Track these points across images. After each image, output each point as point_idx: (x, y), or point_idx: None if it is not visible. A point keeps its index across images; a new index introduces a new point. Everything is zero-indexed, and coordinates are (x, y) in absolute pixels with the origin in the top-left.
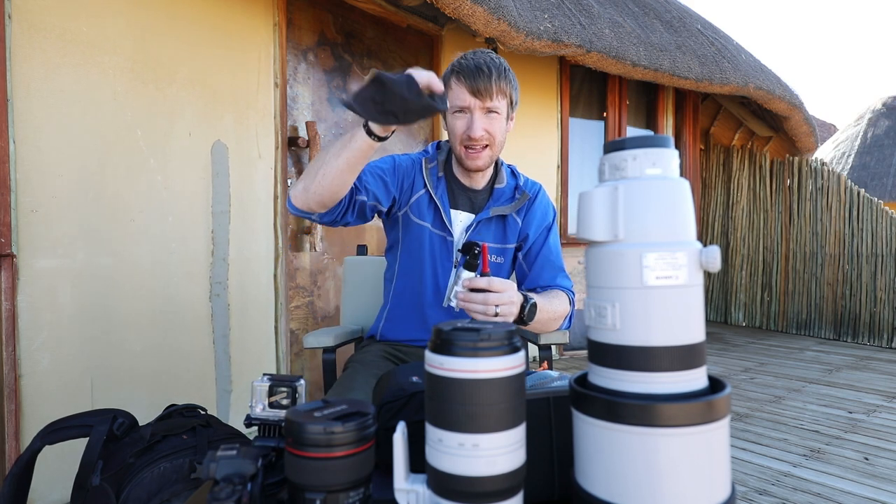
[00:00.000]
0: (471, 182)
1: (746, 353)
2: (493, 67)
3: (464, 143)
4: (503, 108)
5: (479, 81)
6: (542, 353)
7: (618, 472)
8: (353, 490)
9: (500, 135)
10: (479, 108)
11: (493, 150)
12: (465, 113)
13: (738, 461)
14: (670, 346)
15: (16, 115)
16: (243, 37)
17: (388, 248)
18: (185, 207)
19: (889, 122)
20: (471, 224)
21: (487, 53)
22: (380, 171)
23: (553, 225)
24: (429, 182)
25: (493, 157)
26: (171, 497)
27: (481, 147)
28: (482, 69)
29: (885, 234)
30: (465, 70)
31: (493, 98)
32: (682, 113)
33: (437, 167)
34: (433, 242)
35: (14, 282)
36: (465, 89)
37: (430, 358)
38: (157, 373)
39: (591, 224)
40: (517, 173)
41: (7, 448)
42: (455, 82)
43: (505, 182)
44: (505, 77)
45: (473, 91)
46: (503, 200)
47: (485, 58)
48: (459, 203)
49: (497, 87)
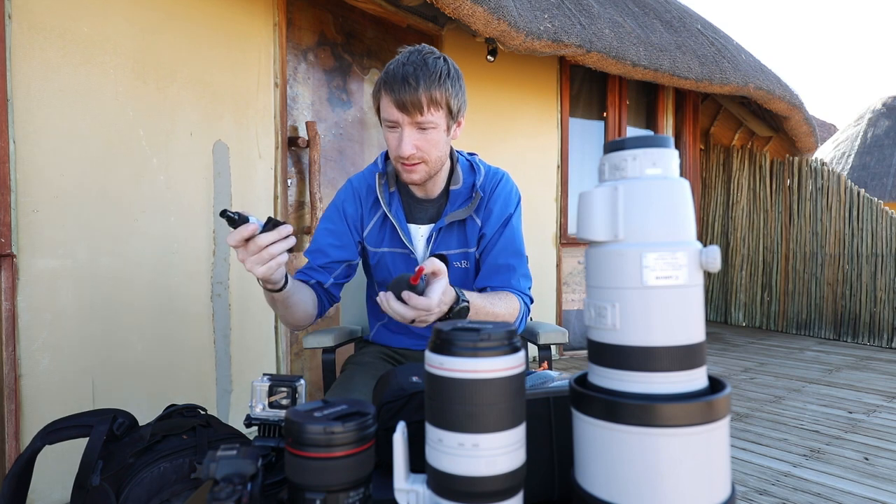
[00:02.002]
0: (424, 192)
1: (746, 353)
2: (423, 76)
3: (397, 159)
4: (438, 121)
5: (405, 94)
6: (542, 353)
7: (618, 472)
8: (353, 490)
9: (435, 150)
10: (408, 123)
11: (429, 166)
12: (396, 128)
13: (738, 461)
14: (670, 347)
15: (16, 115)
16: (243, 37)
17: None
18: (187, 207)
19: (889, 122)
20: (430, 235)
21: (423, 55)
22: (332, 237)
23: (513, 215)
24: (382, 200)
25: (430, 171)
26: (171, 497)
27: (414, 163)
28: (409, 80)
29: (885, 234)
30: (391, 80)
31: (424, 112)
32: (682, 113)
33: (386, 183)
34: (396, 263)
35: (14, 282)
36: (392, 103)
37: (429, 358)
38: (157, 373)
39: (591, 224)
40: (477, 166)
41: (7, 448)
42: (384, 93)
43: (461, 182)
44: (440, 85)
45: (400, 105)
46: (459, 203)
47: (416, 63)
48: (416, 216)
49: (428, 99)
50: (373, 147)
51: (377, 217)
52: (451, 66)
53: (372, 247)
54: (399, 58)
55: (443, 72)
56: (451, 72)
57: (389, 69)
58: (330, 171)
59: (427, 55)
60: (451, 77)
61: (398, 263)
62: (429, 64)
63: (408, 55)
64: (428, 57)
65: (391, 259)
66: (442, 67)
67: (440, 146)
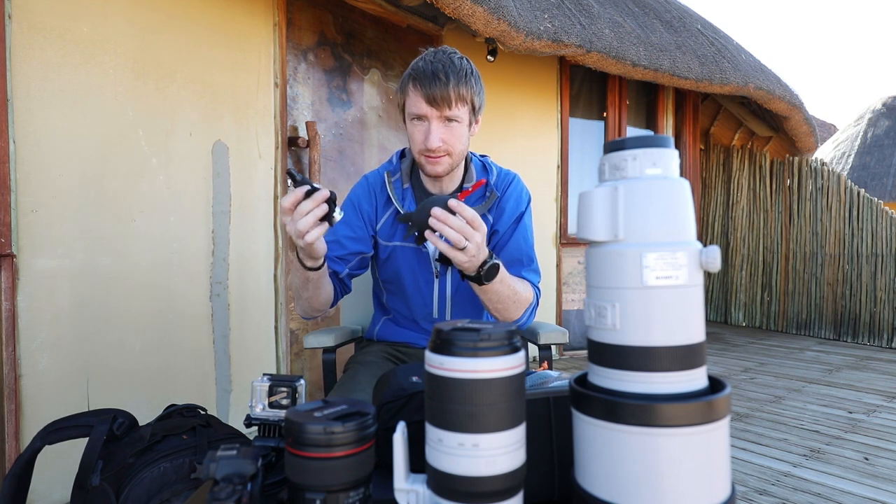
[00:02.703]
0: (439, 187)
1: (746, 353)
2: (452, 73)
3: (422, 152)
4: (463, 116)
5: (435, 89)
6: (542, 353)
7: (618, 472)
8: (353, 490)
9: (459, 143)
10: (436, 117)
11: (452, 159)
12: (423, 121)
13: (738, 461)
14: (670, 346)
15: (16, 115)
16: (243, 37)
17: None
18: (186, 207)
19: (889, 122)
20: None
21: (448, 55)
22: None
23: (525, 213)
24: (394, 197)
25: (454, 163)
26: (171, 497)
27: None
28: (439, 76)
29: (885, 234)
30: (421, 76)
31: (452, 107)
32: (682, 113)
33: (400, 178)
34: (408, 257)
35: (14, 282)
36: (421, 97)
37: (430, 358)
38: (156, 373)
39: (591, 224)
40: (490, 167)
41: (7, 448)
42: (412, 89)
43: (474, 180)
44: (466, 82)
45: (429, 100)
46: (473, 200)
47: (444, 61)
48: None
49: (456, 95)
50: (373, 147)
51: (390, 212)
52: (473, 66)
53: (384, 240)
54: (426, 56)
55: (468, 70)
56: (474, 71)
57: (418, 66)
58: (330, 171)
59: (452, 55)
60: (475, 76)
61: (409, 258)
62: (455, 62)
63: (434, 54)
64: (453, 56)
65: (402, 253)
66: (467, 66)
67: (463, 140)
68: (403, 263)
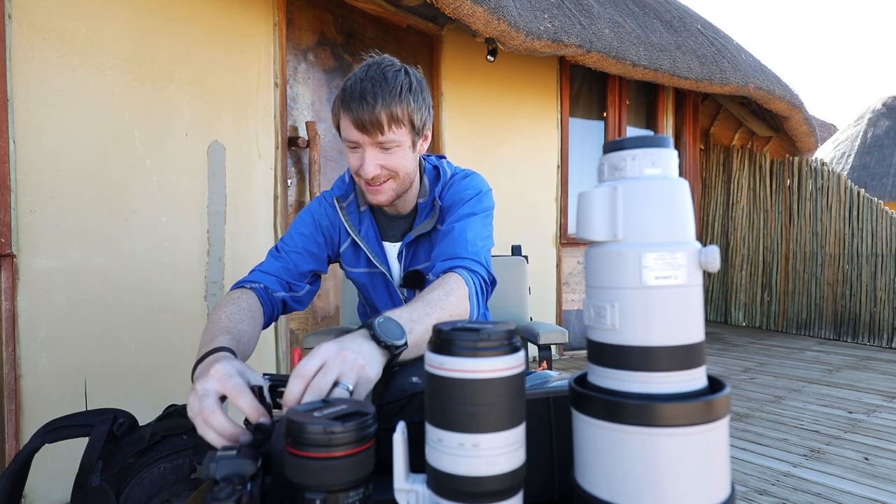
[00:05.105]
0: (395, 209)
1: (746, 353)
2: (382, 93)
3: (362, 179)
4: (402, 138)
5: (363, 113)
6: (542, 353)
7: (617, 472)
8: (353, 490)
9: (402, 167)
10: (369, 143)
11: (398, 182)
12: (357, 148)
13: (738, 461)
14: (670, 346)
15: (16, 115)
16: (243, 37)
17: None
18: (180, 208)
19: (889, 122)
20: (400, 252)
21: (382, 69)
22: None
23: (468, 205)
24: (349, 225)
25: (400, 188)
26: (171, 497)
27: (381, 182)
28: (366, 98)
29: (885, 234)
30: (349, 98)
31: (385, 132)
32: (682, 113)
33: (354, 202)
34: (376, 283)
35: (14, 282)
36: (350, 123)
37: (429, 358)
38: (154, 372)
39: (591, 224)
40: (443, 170)
41: (7, 448)
42: (342, 112)
43: (427, 194)
44: (399, 101)
45: (359, 125)
46: (424, 215)
47: (375, 78)
48: (390, 233)
49: (388, 117)
50: None
51: (350, 241)
52: (414, 77)
53: (349, 267)
54: (357, 72)
55: (403, 86)
56: (412, 85)
57: (347, 86)
58: (330, 171)
59: (386, 68)
60: (413, 90)
61: (377, 284)
62: (388, 78)
63: (366, 69)
64: (387, 70)
65: (369, 279)
66: (402, 81)
67: (406, 161)
68: (371, 288)
